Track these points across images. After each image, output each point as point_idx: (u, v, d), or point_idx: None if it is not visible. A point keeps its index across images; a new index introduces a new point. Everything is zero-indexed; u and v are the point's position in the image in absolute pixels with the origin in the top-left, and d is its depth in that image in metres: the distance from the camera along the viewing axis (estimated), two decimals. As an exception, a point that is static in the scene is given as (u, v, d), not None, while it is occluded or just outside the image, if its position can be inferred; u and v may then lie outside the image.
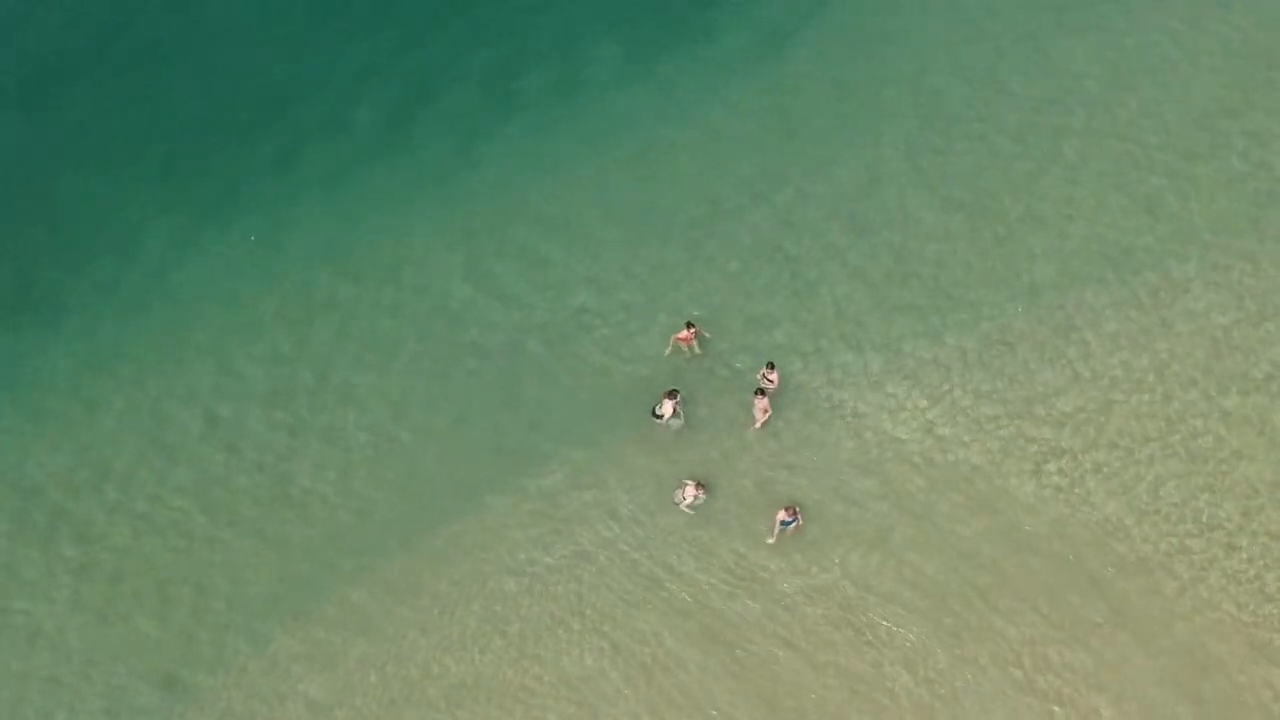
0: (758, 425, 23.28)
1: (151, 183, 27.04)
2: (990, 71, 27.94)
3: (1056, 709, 20.34)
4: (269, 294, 25.49)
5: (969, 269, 25.12)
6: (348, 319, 25.15)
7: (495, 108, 27.97)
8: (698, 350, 24.23)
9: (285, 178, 27.00)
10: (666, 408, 23.05)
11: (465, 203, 26.66)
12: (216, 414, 23.97)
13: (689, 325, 24.10)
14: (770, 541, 22.06)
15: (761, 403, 23.10)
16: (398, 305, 25.33)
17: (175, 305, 25.42)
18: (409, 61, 28.83)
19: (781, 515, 21.89)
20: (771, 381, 23.41)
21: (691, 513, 22.44)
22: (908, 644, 21.06)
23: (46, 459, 23.51)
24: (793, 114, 27.62)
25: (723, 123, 27.60)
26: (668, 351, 24.22)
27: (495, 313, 25.09)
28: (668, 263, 25.67)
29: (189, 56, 29.04)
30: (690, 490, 22.33)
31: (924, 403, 23.55)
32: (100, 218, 26.58)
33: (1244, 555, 21.61)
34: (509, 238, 26.12)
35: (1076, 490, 22.44)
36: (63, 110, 28.10)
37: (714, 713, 20.60)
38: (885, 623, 21.26)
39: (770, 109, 27.75)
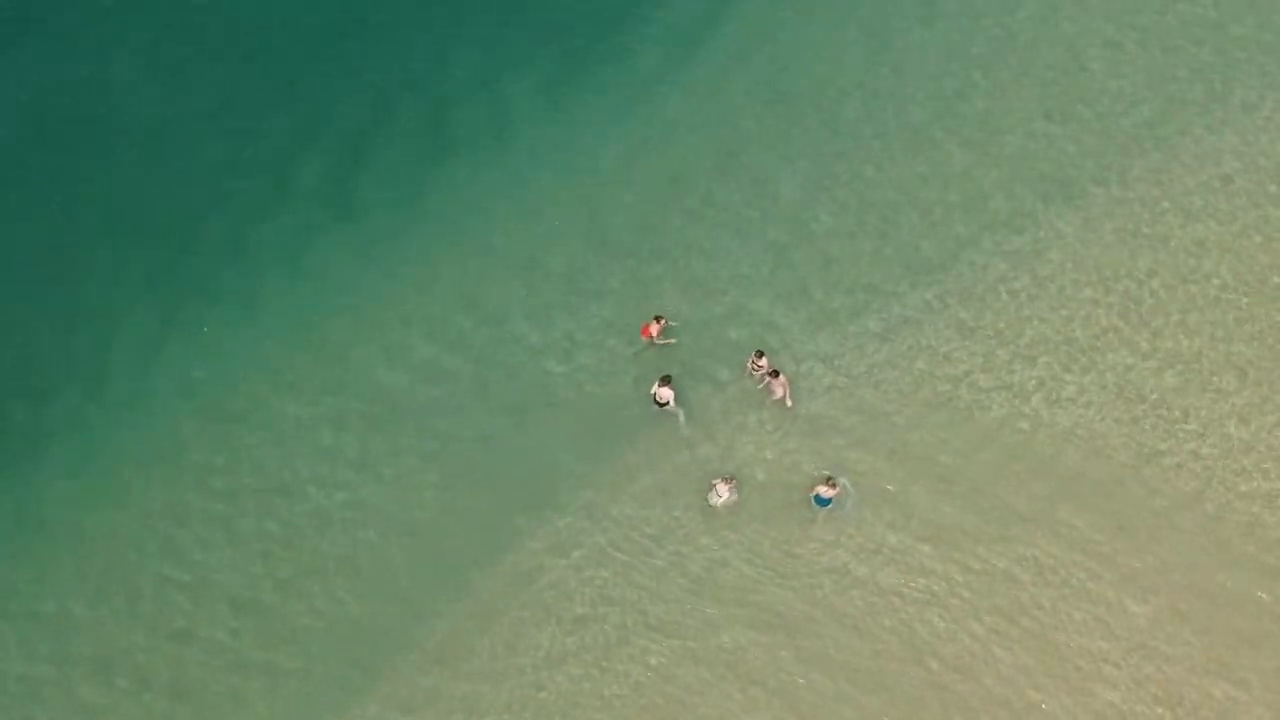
0: (788, 405, 23.90)
1: (102, 291, 26.02)
2: (895, 66, 28.51)
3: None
4: (222, 403, 24.71)
5: (915, 240, 26.10)
6: (307, 420, 24.47)
7: (430, 158, 27.65)
8: (659, 341, 24.60)
9: (236, 267, 26.21)
10: (665, 395, 23.50)
11: (415, 263, 26.30)
12: (189, 553, 23.13)
13: (656, 318, 24.60)
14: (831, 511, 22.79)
15: (779, 380, 23.72)
16: (354, 412, 24.62)
17: (151, 422, 24.51)
18: (335, 127, 28.21)
19: (824, 490, 22.38)
20: (762, 367, 24.04)
21: (732, 504, 22.81)
22: (955, 599, 22.06)
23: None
24: (722, 122, 28.03)
25: (648, 139, 27.79)
26: (654, 340, 24.62)
27: (460, 379, 24.89)
28: (612, 286, 25.82)
29: (109, 152, 27.91)
30: (722, 487, 22.65)
31: (904, 360, 24.56)
32: (60, 339, 25.51)
33: (1235, 443, 23.30)
34: (461, 291, 25.94)
35: (1067, 410, 23.77)
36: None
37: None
38: (925, 580, 22.24)
39: (698, 121, 28.03)
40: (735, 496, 22.81)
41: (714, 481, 22.82)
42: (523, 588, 22.51)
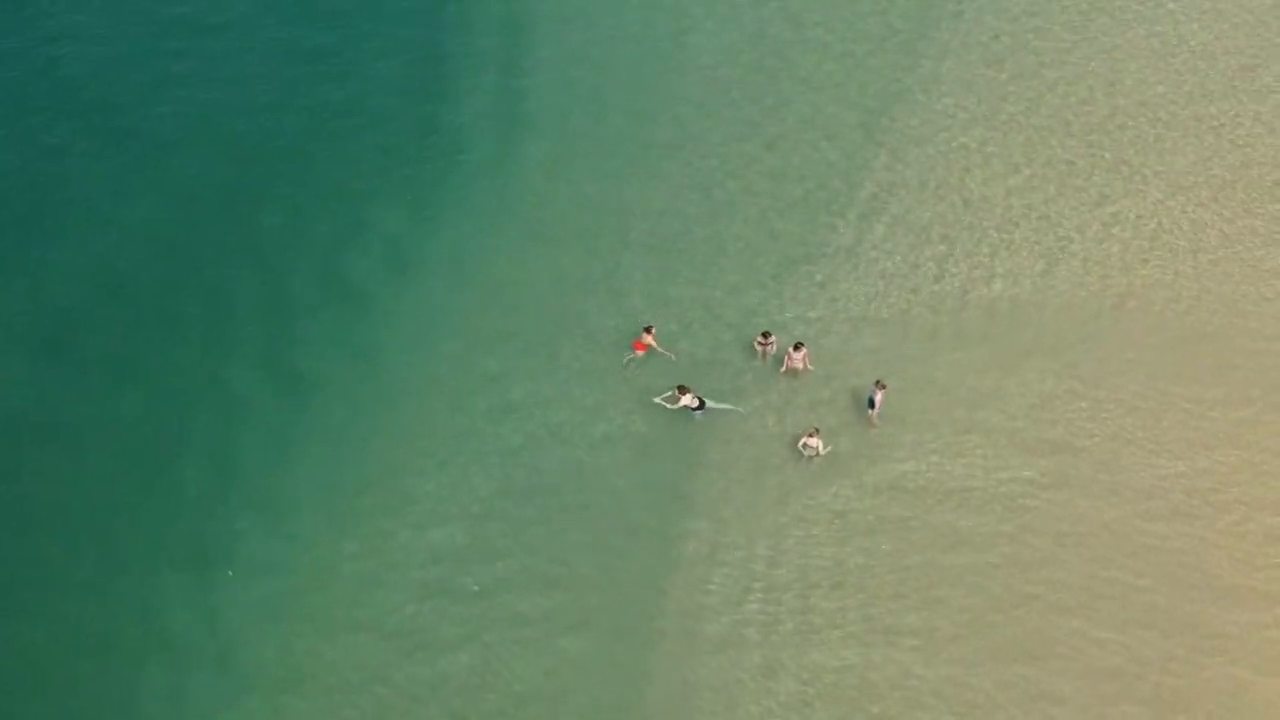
0: (809, 368, 24.72)
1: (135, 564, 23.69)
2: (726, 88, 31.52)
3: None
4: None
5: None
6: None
7: (345, 301, 27.31)
8: (663, 349, 25.12)
9: (225, 503, 24.29)
10: (690, 400, 23.95)
11: (383, 411, 25.56)
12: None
13: (646, 329, 25.03)
14: (874, 424, 24.02)
15: (800, 353, 24.52)
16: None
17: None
18: (257, 293, 27.52)
19: (878, 396, 23.66)
20: (771, 347, 24.85)
21: (823, 449, 23.55)
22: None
23: None
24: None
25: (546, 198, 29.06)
26: (625, 360, 25.18)
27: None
28: (587, 348, 26.06)
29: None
30: (811, 441, 23.46)
31: (876, 285, 26.88)
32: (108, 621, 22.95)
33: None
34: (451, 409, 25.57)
35: (1028, 274, 26.96)
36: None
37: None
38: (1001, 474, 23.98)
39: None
40: (825, 448, 23.55)
41: (802, 440, 23.59)
42: (701, 618, 22.39)
